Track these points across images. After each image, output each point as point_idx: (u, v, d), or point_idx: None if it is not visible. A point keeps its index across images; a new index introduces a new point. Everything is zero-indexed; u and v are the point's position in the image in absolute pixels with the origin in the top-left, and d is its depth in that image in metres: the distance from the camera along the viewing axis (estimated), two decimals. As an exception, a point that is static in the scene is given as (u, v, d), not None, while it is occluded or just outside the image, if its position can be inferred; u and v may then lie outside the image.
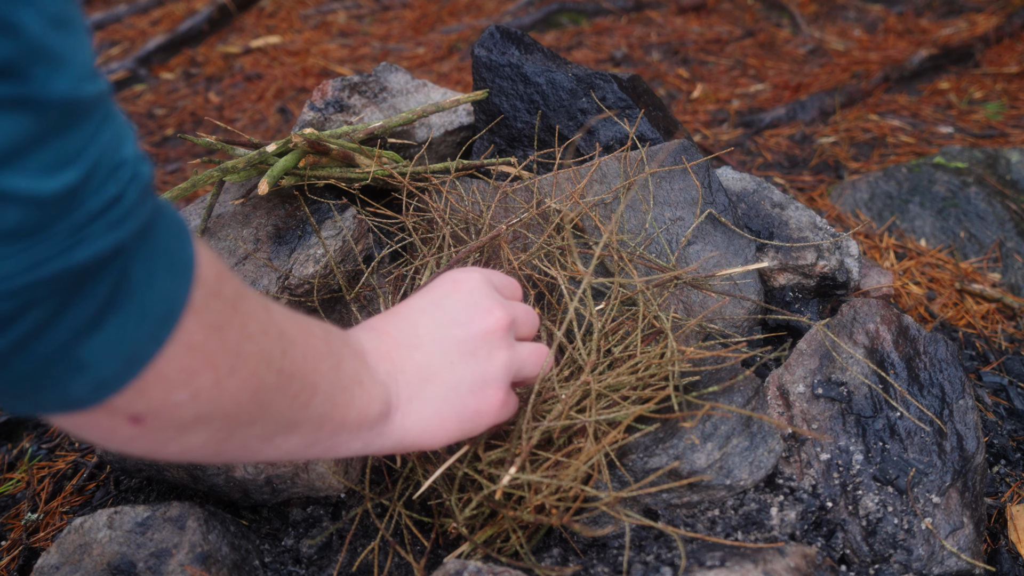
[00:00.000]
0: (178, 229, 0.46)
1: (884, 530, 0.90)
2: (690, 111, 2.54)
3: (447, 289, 0.73)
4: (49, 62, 0.36)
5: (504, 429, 0.87)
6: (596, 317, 0.95)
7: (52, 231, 0.37)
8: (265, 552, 0.94)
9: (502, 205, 1.13)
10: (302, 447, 0.59)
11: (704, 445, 0.89)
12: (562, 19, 3.28)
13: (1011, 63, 2.63)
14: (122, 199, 0.41)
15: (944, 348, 1.04)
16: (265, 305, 0.53)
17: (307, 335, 0.56)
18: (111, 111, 0.42)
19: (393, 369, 0.65)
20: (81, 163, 0.38)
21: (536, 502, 0.81)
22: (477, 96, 1.25)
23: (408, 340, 0.68)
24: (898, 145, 2.22)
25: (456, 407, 0.69)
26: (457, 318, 0.70)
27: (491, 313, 0.71)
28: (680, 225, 1.11)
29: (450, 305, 0.71)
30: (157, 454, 0.50)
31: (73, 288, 0.39)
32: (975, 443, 0.97)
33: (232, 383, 0.48)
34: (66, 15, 0.38)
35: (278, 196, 1.11)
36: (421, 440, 0.68)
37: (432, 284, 0.75)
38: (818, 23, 3.14)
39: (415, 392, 0.66)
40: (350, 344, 0.63)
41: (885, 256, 1.61)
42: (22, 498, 1.19)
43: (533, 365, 0.77)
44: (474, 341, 0.69)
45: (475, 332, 0.70)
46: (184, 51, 3.32)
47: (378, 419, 0.63)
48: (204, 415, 0.48)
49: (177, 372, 0.45)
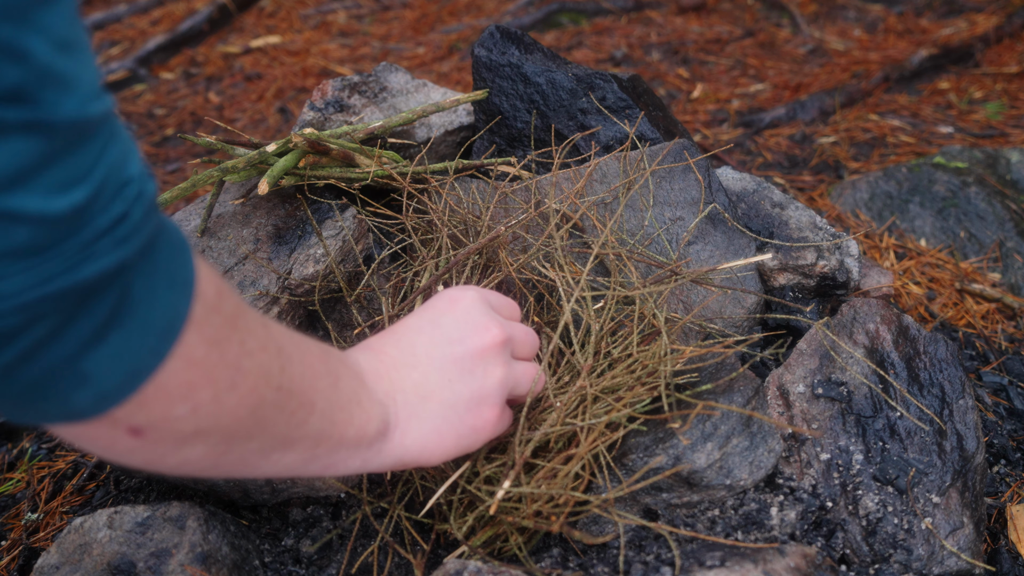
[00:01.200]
0: (180, 246, 0.47)
1: (884, 530, 0.90)
2: (690, 111, 2.54)
3: (443, 308, 0.74)
4: (57, 85, 0.37)
5: (503, 441, 0.87)
6: (594, 318, 0.95)
7: (61, 248, 0.38)
8: (265, 552, 0.94)
9: (501, 206, 1.13)
10: (300, 463, 0.59)
11: (704, 445, 0.89)
12: (562, 19, 3.28)
13: (1011, 63, 2.63)
14: (128, 217, 0.41)
15: (944, 348, 1.04)
16: (264, 322, 0.54)
17: (305, 353, 0.57)
18: (116, 128, 0.43)
19: (391, 388, 0.66)
20: (89, 182, 0.39)
21: (531, 511, 0.81)
22: (477, 96, 1.25)
23: (406, 359, 0.69)
24: (898, 145, 2.22)
25: (454, 424, 0.70)
26: (453, 336, 0.71)
27: (487, 331, 0.72)
28: (680, 225, 1.11)
29: (447, 324, 0.71)
30: (155, 466, 0.51)
31: (78, 303, 0.40)
32: (975, 443, 0.97)
33: (231, 398, 0.49)
34: (72, 37, 0.38)
35: (278, 196, 1.11)
36: (420, 457, 0.69)
37: (429, 303, 0.75)
38: (818, 23, 3.14)
39: (413, 411, 0.67)
40: (347, 364, 0.64)
41: (885, 256, 1.61)
42: (22, 498, 1.19)
43: (528, 384, 0.78)
44: (471, 359, 0.70)
45: (471, 350, 0.70)
46: (184, 51, 3.32)
47: (376, 437, 0.64)
48: (203, 429, 0.49)
49: (178, 386, 0.46)
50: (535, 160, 1.21)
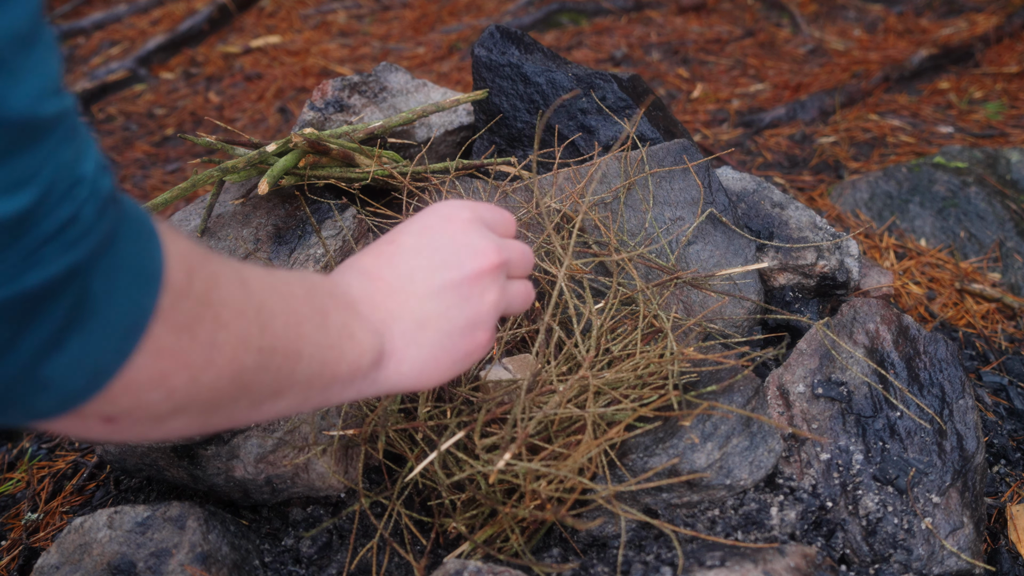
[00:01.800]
0: (146, 235, 0.45)
1: (884, 530, 0.90)
2: (690, 111, 2.54)
3: (438, 226, 0.71)
4: (7, 78, 0.35)
5: (499, 417, 0.87)
6: (595, 315, 0.95)
7: (2, 257, 0.36)
8: (265, 552, 0.94)
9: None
10: (294, 406, 0.59)
11: (704, 445, 0.89)
12: (562, 19, 3.28)
13: (1011, 63, 2.63)
14: (78, 219, 0.39)
15: (944, 348, 1.04)
16: (241, 280, 0.52)
17: (287, 300, 0.55)
18: (74, 128, 0.41)
19: (387, 317, 0.65)
20: (35, 185, 0.37)
21: (534, 489, 0.81)
22: (477, 96, 1.25)
23: (403, 286, 0.67)
24: (898, 145, 2.22)
25: (449, 350, 0.69)
26: (451, 261, 0.69)
27: (485, 256, 0.70)
28: (680, 225, 1.11)
29: (443, 245, 0.70)
30: (139, 441, 0.50)
31: (28, 312, 0.38)
32: (975, 443, 0.97)
33: (208, 375, 0.48)
34: (31, 32, 0.37)
35: (278, 196, 1.11)
36: (416, 384, 0.68)
37: (421, 218, 0.73)
38: (818, 23, 3.14)
39: (410, 339, 0.66)
40: (337, 295, 0.62)
41: (885, 256, 1.61)
42: (22, 498, 1.19)
43: (521, 303, 0.77)
44: (468, 284, 0.69)
45: (469, 274, 0.69)
46: (184, 51, 3.32)
47: (371, 368, 0.63)
48: (182, 406, 0.48)
49: (148, 378, 0.45)
50: (536, 160, 1.21)
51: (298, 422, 0.95)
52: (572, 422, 0.91)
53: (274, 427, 0.95)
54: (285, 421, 0.96)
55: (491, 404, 0.90)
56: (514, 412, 0.84)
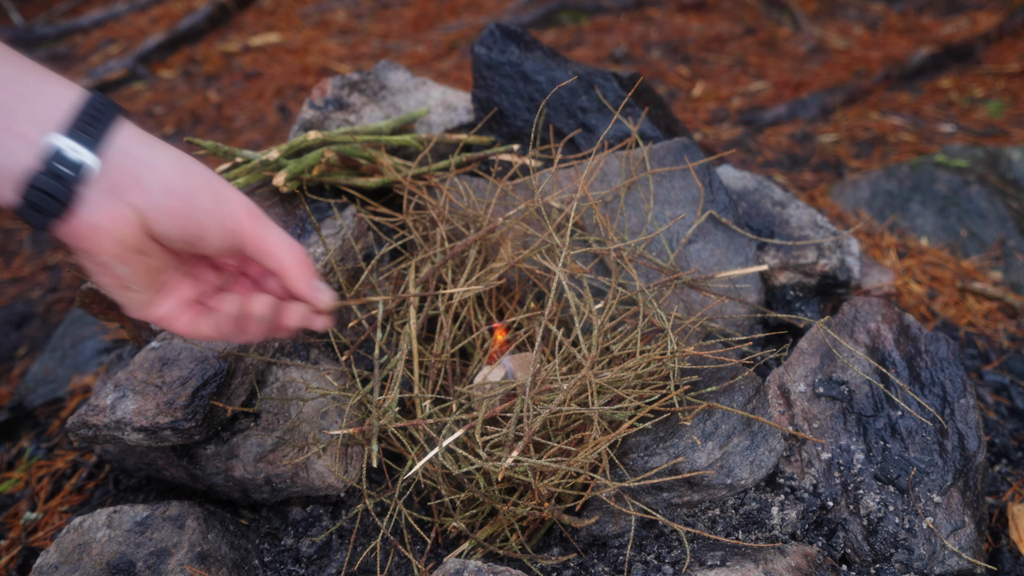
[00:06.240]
0: None
1: (885, 529, 0.89)
2: (691, 109, 2.54)
3: None
4: None
5: (500, 416, 0.88)
6: (595, 315, 0.95)
7: None
8: (265, 551, 0.94)
9: (502, 203, 1.12)
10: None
11: (705, 444, 0.89)
12: (562, 17, 3.27)
13: (1012, 61, 2.62)
14: None
15: (945, 347, 1.04)
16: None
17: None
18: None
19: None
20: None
21: (542, 487, 0.82)
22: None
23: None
24: (899, 143, 2.22)
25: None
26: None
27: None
28: (681, 223, 1.11)
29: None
30: None
31: None
32: (976, 442, 0.96)
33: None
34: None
35: (277, 195, 1.11)
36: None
37: None
38: (819, 21, 3.13)
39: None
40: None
41: (886, 255, 1.61)
42: (21, 497, 1.19)
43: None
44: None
45: None
46: (183, 49, 3.32)
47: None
48: None
49: None
50: (536, 157, 1.21)
51: (298, 421, 0.95)
52: (572, 421, 0.90)
53: (274, 427, 0.95)
54: (285, 420, 0.96)
55: (492, 402, 0.90)
56: (517, 410, 0.84)
